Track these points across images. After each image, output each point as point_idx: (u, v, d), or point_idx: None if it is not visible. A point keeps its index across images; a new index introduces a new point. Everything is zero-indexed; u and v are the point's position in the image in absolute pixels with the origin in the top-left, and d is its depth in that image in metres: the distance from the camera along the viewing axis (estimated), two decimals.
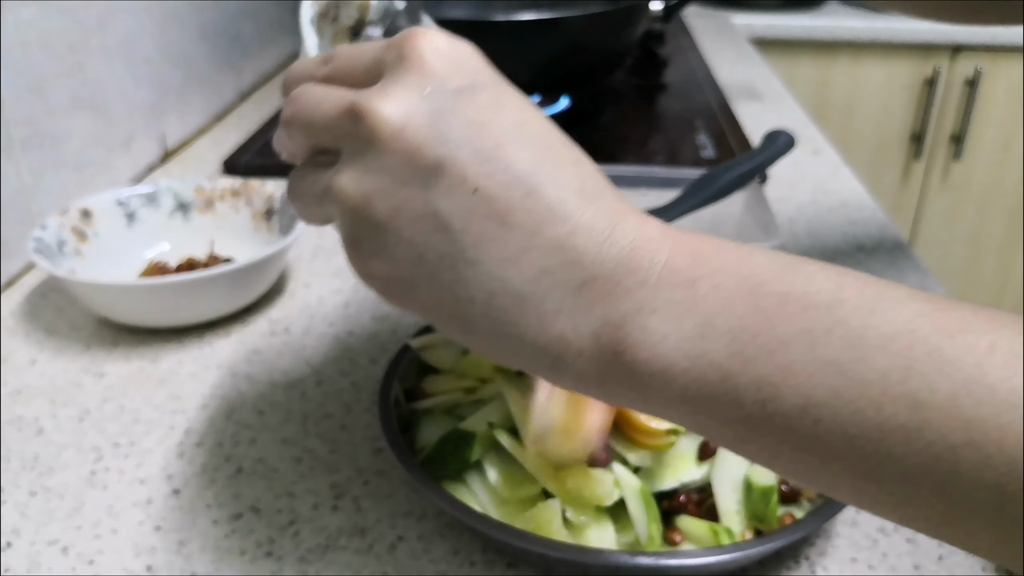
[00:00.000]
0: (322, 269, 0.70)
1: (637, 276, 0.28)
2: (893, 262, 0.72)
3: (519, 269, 0.28)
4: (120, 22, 0.82)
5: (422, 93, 0.29)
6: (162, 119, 0.92)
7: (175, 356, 0.59)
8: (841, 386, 0.25)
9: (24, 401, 0.55)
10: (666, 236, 0.29)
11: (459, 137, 0.28)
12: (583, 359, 0.28)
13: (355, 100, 0.30)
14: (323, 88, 0.32)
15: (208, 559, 0.42)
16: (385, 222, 0.29)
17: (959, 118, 1.84)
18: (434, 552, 0.43)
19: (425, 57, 0.30)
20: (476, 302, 0.29)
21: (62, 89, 0.74)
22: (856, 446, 0.25)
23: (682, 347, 0.27)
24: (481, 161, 0.28)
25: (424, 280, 0.29)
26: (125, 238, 0.68)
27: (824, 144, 1.00)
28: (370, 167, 0.29)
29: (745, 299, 0.27)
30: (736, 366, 0.26)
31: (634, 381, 0.28)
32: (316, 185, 0.32)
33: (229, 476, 0.48)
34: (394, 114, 0.29)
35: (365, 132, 0.29)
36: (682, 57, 1.29)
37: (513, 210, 0.28)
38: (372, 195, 0.29)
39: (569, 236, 0.28)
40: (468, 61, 0.30)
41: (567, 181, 0.29)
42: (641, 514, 0.41)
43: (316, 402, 0.54)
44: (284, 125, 0.33)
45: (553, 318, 0.28)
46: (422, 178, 0.28)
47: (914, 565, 0.42)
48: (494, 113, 0.29)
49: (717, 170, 0.64)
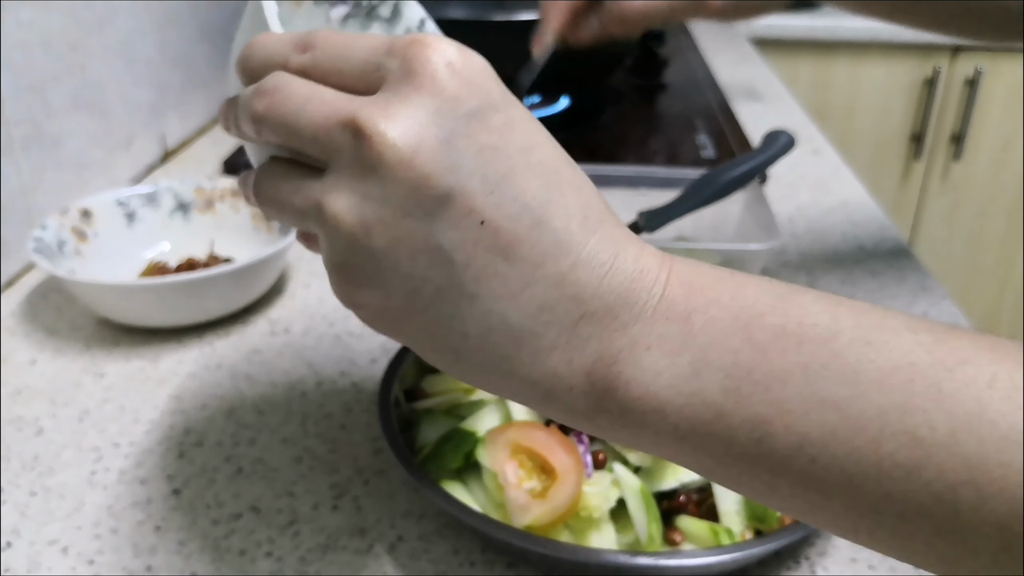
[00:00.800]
0: (322, 269, 0.70)
1: (634, 310, 0.27)
2: (893, 262, 0.72)
3: (519, 304, 0.27)
4: (120, 22, 0.82)
5: (433, 116, 0.27)
6: (162, 119, 0.92)
7: (175, 356, 0.59)
8: (837, 424, 0.24)
9: (24, 401, 0.55)
10: (663, 266, 0.28)
11: (469, 165, 0.27)
12: (573, 394, 0.28)
13: (355, 114, 0.27)
14: (308, 86, 0.29)
15: (208, 559, 0.42)
16: (382, 253, 0.27)
17: (959, 118, 1.84)
18: (434, 552, 0.43)
19: (437, 74, 0.27)
20: (471, 336, 0.28)
21: (62, 89, 0.74)
22: (853, 485, 0.24)
23: (676, 384, 0.26)
24: (490, 191, 0.27)
25: (417, 313, 0.28)
26: (125, 238, 0.68)
27: (824, 144, 1.00)
28: (371, 194, 0.27)
29: (740, 333, 0.26)
30: (730, 404, 0.25)
31: (626, 418, 0.27)
32: (296, 196, 0.29)
33: (229, 476, 0.48)
34: (403, 139, 0.26)
35: (368, 155, 0.26)
36: (682, 57, 1.29)
37: (519, 242, 0.27)
38: (371, 225, 0.27)
39: (571, 270, 0.27)
40: (481, 79, 0.28)
41: (572, 210, 0.27)
42: (641, 514, 0.41)
43: (316, 402, 0.54)
44: (252, 117, 0.29)
45: (548, 353, 0.27)
46: (427, 209, 0.26)
47: (894, 559, 0.42)
48: (505, 137, 0.27)
49: (717, 170, 0.64)
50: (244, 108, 0.30)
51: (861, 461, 0.24)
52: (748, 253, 0.60)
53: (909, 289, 0.68)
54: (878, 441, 0.24)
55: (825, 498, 0.25)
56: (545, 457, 0.42)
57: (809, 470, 0.25)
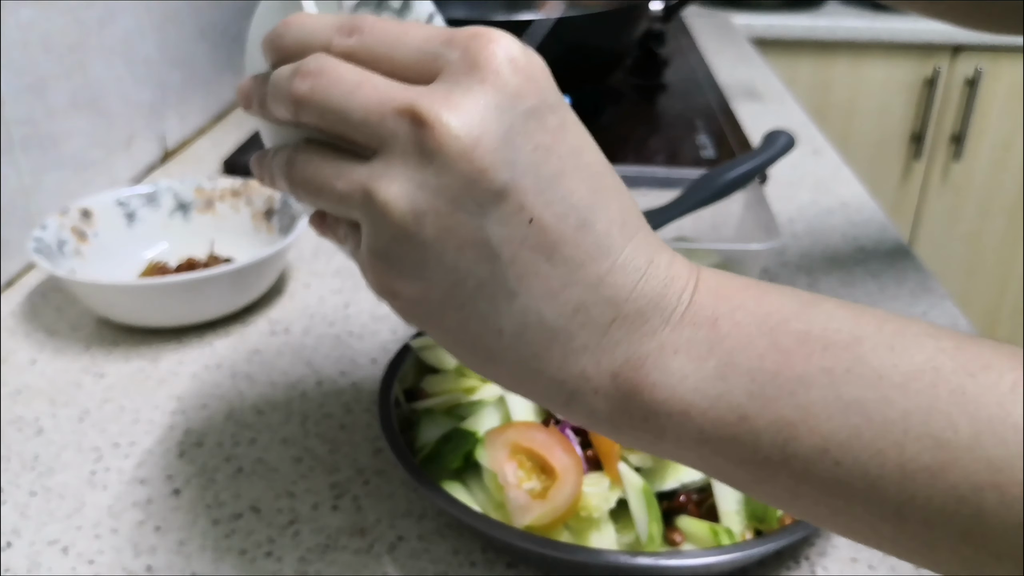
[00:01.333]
0: (322, 269, 0.70)
1: (663, 314, 0.27)
2: (893, 262, 0.72)
3: (557, 304, 0.27)
4: (120, 22, 0.82)
5: (495, 110, 0.26)
6: (162, 119, 0.92)
7: (175, 356, 0.59)
8: (862, 426, 0.24)
9: (24, 401, 0.55)
10: (692, 274, 0.28)
11: (525, 163, 0.26)
12: (599, 396, 0.28)
13: (415, 102, 0.26)
14: (357, 70, 0.28)
15: (208, 559, 0.42)
16: (430, 244, 0.27)
17: (959, 118, 1.84)
18: (434, 552, 0.43)
19: (501, 68, 0.27)
20: (505, 334, 0.28)
21: (62, 89, 0.74)
22: (877, 488, 0.24)
23: (701, 387, 0.26)
24: (542, 190, 0.27)
25: (455, 308, 0.28)
26: (125, 238, 0.68)
27: (824, 144, 1.00)
28: (426, 183, 0.26)
29: (765, 337, 0.26)
30: (755, 407, 0.26)
31: (649, 422, 0.27)
32: (340, 180, 0.28)
33: (229, 476, 0.48)
34: (465, 130, 0.26)
35: (428, 144, 0.26)
36: (682, 57, 1.29)
37: (564, 242, 0.27)
38: (423, 213, 0.26)
39: (609, 273, 0.27)
40: (541, 77, 0.28)
41: (614, 215, 0.28)
42: (643, 513, 0.41)
43: (316, 402, 0.54)
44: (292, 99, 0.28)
45: (578, 354, 0.28)
46: (480, 202, 0.26)
47: (914, 565, 0.42)
48: (558, 138, 0.27)
49: (717, 170, 0.64)
50: (281, 88, 0.29)
51: (885, 464, 0.24)
52: (748, 253, 0.60)
53: (909, 289, 0.68)
54: (902, 444, 0.24)
55: (849, 503, 0.25)
56: (545, 457, 0.42)
57: (833, 474, 0.25)
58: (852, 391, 0.24)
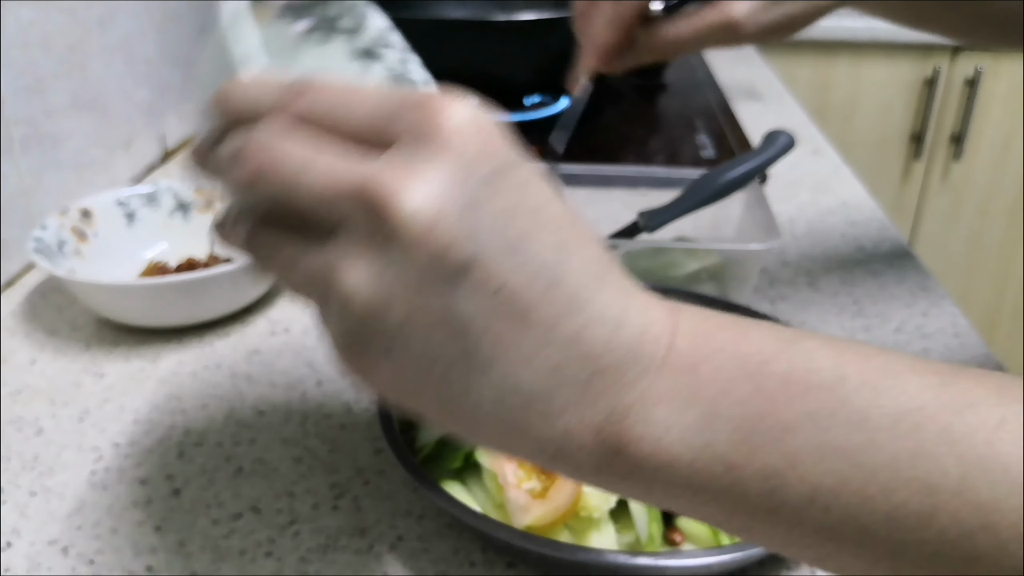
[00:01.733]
0: None
1: (642, 363, 0.26)
2: (893, 262, 0.72)
3: (532, 368, 0.26)
4: (120, 22, 0.82)
5: (451, 183, 0.25)
6: (162, 119, 0.92)
7: (175, 356, 0.59)
8: (849, 472, 0.24)
9: (24, 401, 0.55)
10: (670, 316, 0.28)
11: (488, 230, 0.25)
12: (584, 452, 0.27)
13: (367, 182, 0.25)
14: (305, 148, 0.27)
15: (208, 559, 0.42)
16: (398, 327, 0.26)
17: (959, 118, 1.84)
18: (434, 552, 0.43)
19: (455, 136, 0.26)
20: (484, 404, 0.27)
21: (62, 89, 0.74)
22: (868, 534, 0.24)
23: (686, 438, 0.26)
24: (508, 255, 0.26)
25: (430, 386, 0.27)
26: (125, 238, 0.68)
27: (824, 144, 1.00)
28: (389, 268, 0.25)
29: (747, 381, 0.26)
30: (741, 456, 0.25)
31: (636, 475, 0.27)
32: (300, 263, 0.27)
33: (229, 476, 0.48)
34: (424, 207, 0.25)
35: (386, 226, 0.25)
36: (682, 57, 1.29)
37: (535, 305, 0.26)
38: (388, 301, 0.25)
39: (583, 328, 0.26)
40: (495, 140, 0.27)
41: (583, 266, 0.27)
42: (642, 514, 0.41)
43: (316, 402, 0.54)
44: (240, 178, 0.27)
45: (560, 414, 0.27)
46: (446, 278, 0.25)
47: None
48: (520, 198, 0.26)
49: (717, 170, 0.64)
50: (228, 168, 0.28)
51: (875, 511, 0.24)
52: (748, 253, 0.60)
53: (909, 289, 0.68)
54: (890, 489, 0.23)
55: (840, 547, 0.25)
56: None
57: (823, 521, 0.24)
58: (837, 436, 0.24)
